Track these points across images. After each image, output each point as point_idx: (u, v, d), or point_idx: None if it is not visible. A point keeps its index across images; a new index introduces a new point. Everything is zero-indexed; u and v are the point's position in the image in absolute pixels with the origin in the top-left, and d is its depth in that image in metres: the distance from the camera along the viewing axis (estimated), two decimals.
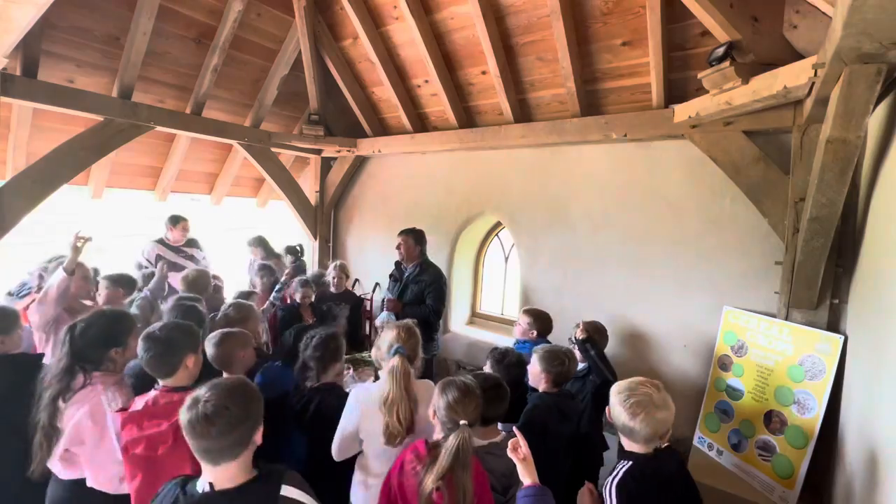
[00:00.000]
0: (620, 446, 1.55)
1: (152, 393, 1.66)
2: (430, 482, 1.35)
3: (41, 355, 2.18)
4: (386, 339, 1.84)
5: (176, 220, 4.12)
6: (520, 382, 2.17)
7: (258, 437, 1.22)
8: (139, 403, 1.63)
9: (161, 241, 4.10)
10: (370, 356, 2.59)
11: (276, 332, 3.41)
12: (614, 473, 1.45)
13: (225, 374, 2.00)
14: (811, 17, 2.24)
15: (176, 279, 3.44)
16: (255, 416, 1.22)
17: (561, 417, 2.08)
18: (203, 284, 3.23)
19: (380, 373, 1.90)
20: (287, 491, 1.19)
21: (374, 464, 1.81)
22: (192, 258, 4.14)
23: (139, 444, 1.51)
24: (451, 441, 1.39)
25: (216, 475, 1.15)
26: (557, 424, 2.07)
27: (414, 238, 3.49)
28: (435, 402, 1.55)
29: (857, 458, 1.81)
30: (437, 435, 1.55)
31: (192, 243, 4.26)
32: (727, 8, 2.27)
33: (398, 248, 3.50)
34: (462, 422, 1.41)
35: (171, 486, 1.22)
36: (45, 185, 3.15)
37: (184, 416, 1.15)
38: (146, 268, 3.89)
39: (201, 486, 1.16)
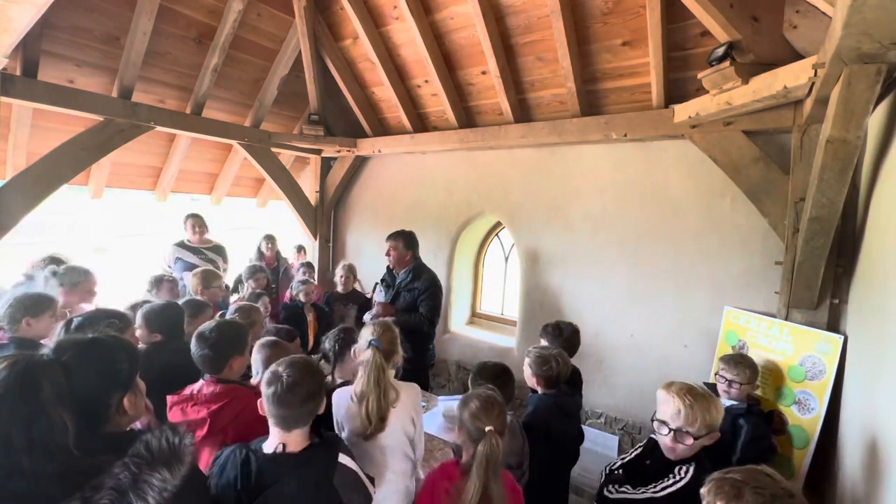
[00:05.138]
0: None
1: (199, 383, 1.76)
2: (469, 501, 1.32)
3: None
4: (363, 335, 1.84)
5: (185, 218, 4.04)
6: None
7: (322, 408, 1.40)
8: (186, 391, 1.76)
9: (180, 244, 4.00)
10: None
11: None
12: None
13: None
14: (811, 17, 2.23)
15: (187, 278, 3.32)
16: (322, 389, 1.41)
17: (562, 416, 2.08)
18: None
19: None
20: (343, 459, 1.36)
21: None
22: (211, 263, 3.94)
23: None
24: (480, 449, 1.36)
25: (287, 439, 1.31)
26: (559, 423, 2.07)
27: (404, 242, 3.23)
28: (459, 419, 1.52)
29: (857, 459, 1.81)
30: (466, 455, 1.49)
31: (216, 250, 4.12)
32: (727, 8, 2.27)
33: (388, 254, 3.27)
34: (488, 428, 1.39)
35: (234, 449, 1.34)
36: (45, 185, 3.14)
37: (266, 389, 1.32)
38: (167, 274, 3.74)
39: (270, 447, 1.31)
